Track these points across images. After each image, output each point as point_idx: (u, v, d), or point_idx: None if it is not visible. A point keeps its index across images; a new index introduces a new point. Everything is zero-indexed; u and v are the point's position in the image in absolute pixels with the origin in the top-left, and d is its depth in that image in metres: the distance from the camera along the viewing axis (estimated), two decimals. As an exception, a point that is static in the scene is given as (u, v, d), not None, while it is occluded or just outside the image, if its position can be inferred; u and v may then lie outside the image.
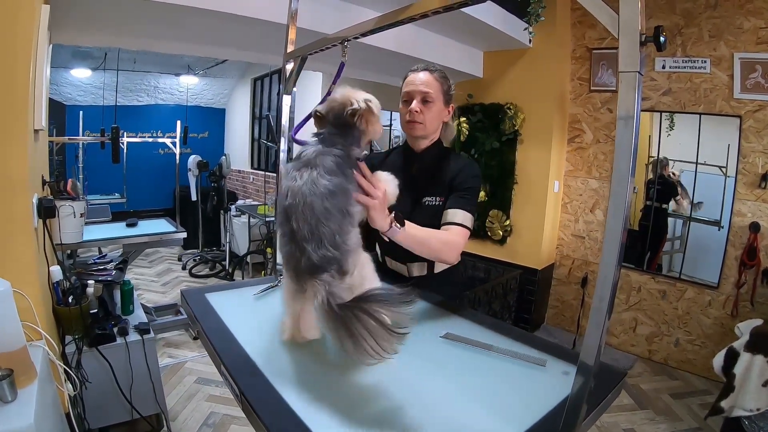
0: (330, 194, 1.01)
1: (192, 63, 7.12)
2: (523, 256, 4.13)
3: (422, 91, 1.53)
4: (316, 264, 0.97)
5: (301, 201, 0.99)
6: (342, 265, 1.00)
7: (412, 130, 1.58)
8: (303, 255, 0.98)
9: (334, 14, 2.65)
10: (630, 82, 0.68)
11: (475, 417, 0.87)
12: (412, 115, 1.55)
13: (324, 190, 1.00)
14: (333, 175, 1.04)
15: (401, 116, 1.61)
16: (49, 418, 1.41)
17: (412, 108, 1.54)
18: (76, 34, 2.57)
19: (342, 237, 1.01)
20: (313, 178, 1.02)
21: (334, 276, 0.98)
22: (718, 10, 3.31)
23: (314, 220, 0.98)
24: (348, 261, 1.01)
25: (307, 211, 0.98)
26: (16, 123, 1.52)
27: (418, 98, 1.54)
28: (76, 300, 1.98)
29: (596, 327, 0.72)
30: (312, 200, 0.99)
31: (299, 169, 1.05)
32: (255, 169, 7.44)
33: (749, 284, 3.28)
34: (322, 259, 0.97)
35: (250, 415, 0.86)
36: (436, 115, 1.57)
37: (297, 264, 0.99)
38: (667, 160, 3.70)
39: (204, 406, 2.83)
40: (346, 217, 1.04)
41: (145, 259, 5.99)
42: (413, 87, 1.55)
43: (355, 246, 1.05)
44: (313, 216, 0.98)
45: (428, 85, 1.54)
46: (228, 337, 1.12)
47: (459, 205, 1.50)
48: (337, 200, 1.02)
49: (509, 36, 3.55)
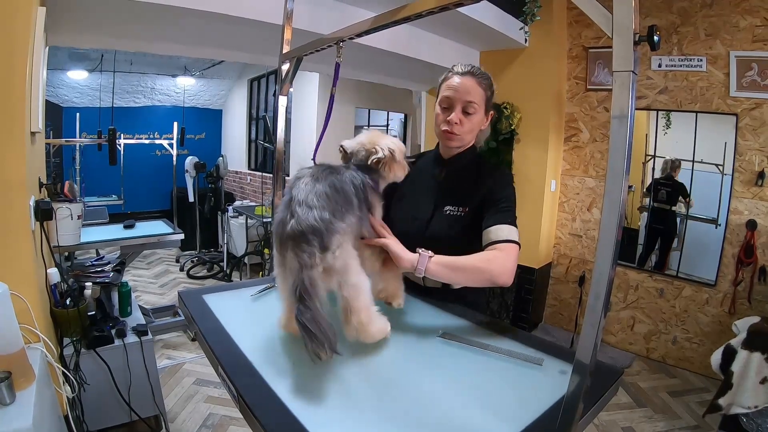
0: (334, 188, 1.06)
1: (189, 64, 7.11)
2: (521, 255, 4.10)
3: (465, 100, 1.38)
4: (301, 229, 0.98)
5: (307, 178, 1.05)
6: (324, 240, 0.99)
7: (448, 140, 1.44)
8: (292, 218, 0.99)
9: (330, 15, 2.66)
10: (624, 81, 0.68)
11: (472, 416, 0.87)
12: (450, 125, 1.40)
13: (331, 181, 1.07)
14: (344, 184, 1.10)
15: (437, 122, 1.46)
16: (47, 421, 1.41)
17: (451, 119, 1.39)
18: (72, 36, 2.57)
19: (331, 218, 1.01)
20: (326, 173, 1.09)
21: (313, 251, 0.97)
22: (713, 9, 3.32)
23: (313, 195, 1.02)
24: (331, 239, 1.00)
25: (310, 186, 1.03)
26: (13, 125, 1.52)
27: (458, 107, 1.39)
28: (74, 302, 1.98)
29: (592, 325, 0.72)
30: (317, 183, 1.04)
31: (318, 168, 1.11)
32: (252, 170, 7.43)
33: (746, 282, 3.29)
34: (307, 227, 0.98)
35: (247, 416, 0.86)
36: (475, 127, 1.44)
37: (283, 231, 1.01)
38: (680, 161, 3.66)
39: (202, 407, 2.83)
40: (340, 209, 1.05)
41: (142, 261, 5.98)
42: (455, 93, 1.39)
43: (341, 230, 1.03)
44: (312, 191, 1.02)
45: (472, 93, 1.39)
46: (225, 338, 1.12)
47: (500, 220, 1.34)
48: (338, 195, 1.06)
49: (505, 35, 3.55)
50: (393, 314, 1.29)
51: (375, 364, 1.04)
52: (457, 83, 1.40)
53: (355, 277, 1.05)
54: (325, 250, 0.99)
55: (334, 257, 1.00)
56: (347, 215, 1.07)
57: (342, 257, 1.02)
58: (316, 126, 5.31)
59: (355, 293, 1.05)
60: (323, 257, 0.98)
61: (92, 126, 6.39)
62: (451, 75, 1.44)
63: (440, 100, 1.44)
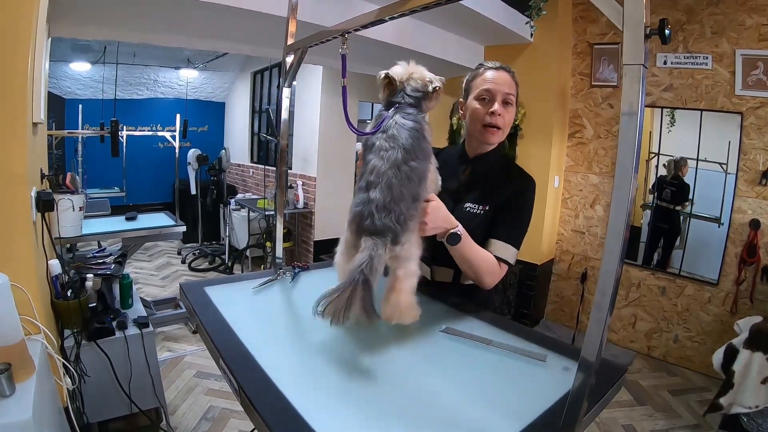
0: (408, 180, 1.12)
1: (192, 56, 7.08)
2: (523, 252, 4.07)
3: (505, 92, 1.39)
4: (379, 228, 1.07)
5: (383, 179, 1.10)
6: (397, 237, 1.09)
7: (490, 136, 1.43)
8: (371, 218, 1.08)
9: (335, 7, 2.64)
10: (634, 74, 0.67)
11: (475, 412, 0.86)
12: (494, 118, 1.39)
13: (404, 175, 1.11)
14: (412, 159, 1.14)
15: (474, 117, 1.44)
16: (47, 412, 1.41)
17: (495, 110, 1.38)
18: (75, 28, 2.56)
19: (406, 216, 1.10)
20: (397, 162, 1.12)
21: (386, 242, 1.07)
22: (720, 7, 3.29)
23: (389, 198, 1.09)
24: (403, 236, 1.10)
25: (386, 189, 1.09)
26: (15, 116, 1.51)
27: (499, 99, 1.39)
28: (75, 294, 1.98)
29: (598, 323, 0.71)
30: (392, 182, 1.10)
31: (385, 141, 1.15)
32: (255, 163, 7.41)
33: (749, 281, 3.28)
34: (384, 226, 1.07)
35: (248, 408, 0.85)
36: (511, 120, 1.45)
37: (361, 223, 1.09)
38: (685, 160, 3.63)
39: (203, 400, 2.84)
40: (414, 202, 1.14)
41: (144, 253, 5.99)
42: (495, 86, 1.39)
43: (413, 228, 1.15)
44: (389, 194, 1.09)
45: (509, 85, 1.40)
46: (227, 331, 1.11)
47: (509, 239, 1.40)
48: (411, 186, 1.12)
49: (510, 30, 3.54)
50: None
51: (377, 358, 1.04)
52: (496, 76, 1.41)
53: (413, 265, 1.15)
54: (396, 244, 1.09)
55: (402, 248, 1.11)
56: (416, 207, 1.16)
57: (408, 248, 1.13)
58: (319, 119, 5.28)
59: (406, 276, 1.14)
60: (393, 248, 1.09)
61: (95, 118, 6.38)
62: (483, 70, 1.44)
63: (478, 94, 1.43)
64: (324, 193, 5.38)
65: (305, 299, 1.37)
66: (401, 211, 1.09)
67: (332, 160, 5.41)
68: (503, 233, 1.40)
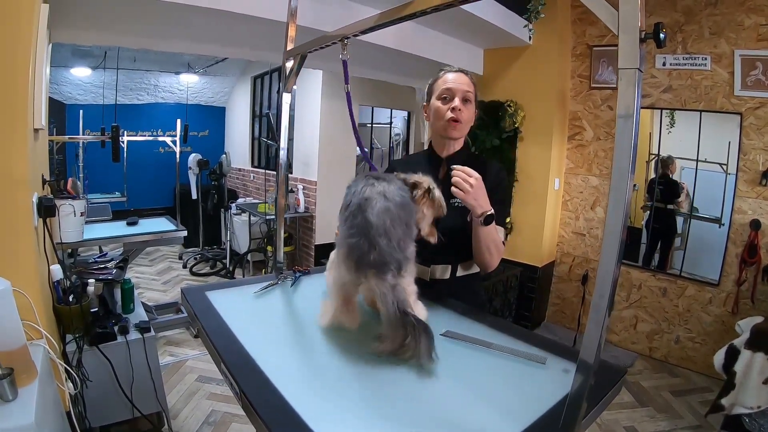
0: (401, 205, 1.10)
1: (192, 61, 7.10)
2: (524, 254, 4.13)
3: (464, 90, 1.52)
4: (384, 259, 1.02)
5: (380, 200, 1.07)
6: (401, 267, 1.06)
7: (452, 130, 1.55)
8: (373, 248, 1.03)
9: (334, 12, 2.65)
10: (630, 79, 0.68)
11: (475, 415, 0.87)
12: (455, 112, 1.52)
13: (399, 199, 1.10)
14: (402, 191, 1.15)
15: (437, 115, 1.57)
16: (49, 417, 1.41)
17: (455, 105, 1.52)
18: (75, 33, 2.57)
19: (404, 244, 1.08)
20: (388, 189, 1.11)
21: (395, 275, 1.04)
22: (718, 7, 3.30)
23: (389, 220, 1.05)
24: (406, 266, 1.08)
25: (384, 211, 1.06)
26: (16, 122, 1.52)
27: (459, 96, 1.52)
28: (77, 299, 1.98)
29: (596, 324, 0.72)
30: (388, 204, 1.07)
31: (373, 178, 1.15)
32: (255, 168, 7.42)
33: (750, 281, 3.28)
34: (389, 255, 1.03)
35: (250, 413, 0.86)
36: (472, 117, 1.58)
37: (362, 256, 1.03)
38: (672, 158, 3.67)
39: (205, 404, 2.84)
40: (408, 230, 1.12)
41: (145, 258, 6.00)
42: (455, 85, 1.53)
43: (411, 256, 1.12)
44: (388, 216, 1.06)
45: (467, 85, 1.54)
46: (228, 335, 1.12)
47: (499, 222, 1.50)
48: (404, 212, 1.10)
49: (509, 33, 3.55)
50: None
51: (378, 362, 1.04)
52: (455, 77, 1.55)
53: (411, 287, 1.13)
54: (401, 276, 1.06)
55: (404, 279, 1.08)
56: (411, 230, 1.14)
57: (409, 282, 1.12)
58: (319, 123, 5.29)
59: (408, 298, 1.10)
60: (399, 278, 1.05)
61: (95, 123, 6.39)
62: (444, 74, 1.59)
63: (439, 93, 1.56)
64: (325, 197, 5.38)
65: (306, 303, 1.38)
66: (399, 236, 1.07)
67: (333, 164, 5.42)
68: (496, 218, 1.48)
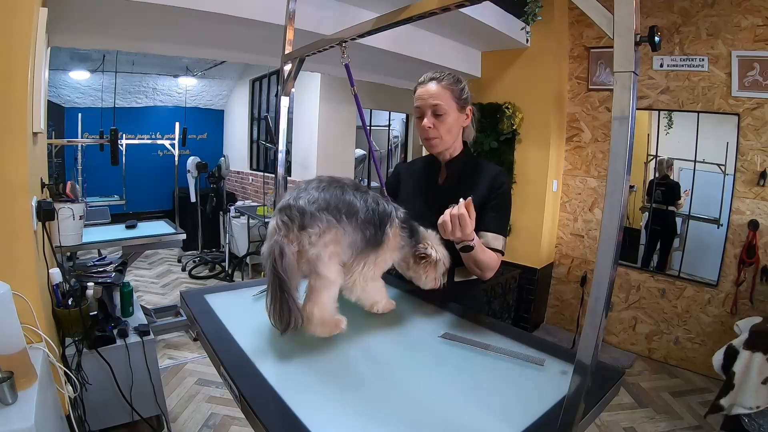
0: (349, 203, 1.12)
1: (190, 64, 7.12)
2: (523, 256, 4.14)
3: (432, 104, 1.48)
4: (291, 204, 1.06)
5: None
6: (304, 221, 1.06)
7: (430, 147, 1.54)
8: (290, 198, 1.09)
9: (332, 15, 2.66)
10: (625, 82, 0.68)
11: (473, 417, 0.87)
12: (425, 132, 1.50)
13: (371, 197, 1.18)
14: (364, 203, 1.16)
15: (418, 133, 1.56)
16: (49, 420, 1.42)
17: (424, 124, 1.49)
18: (74, 37, 2.57)
19: (327, 209, 1.08)
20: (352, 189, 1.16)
21: (292, 227, 1.05)
22: (715, 9, 3.31)
23: (322, 192, 1.10)
24: (313, 222, 1.06)
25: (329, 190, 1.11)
26: (15, 126, 1.52)
27: (428, 112, 1.49)
28: (76, 302, 1.98)
29: (593, 326, 0.72)
30: (336, 190, 1.12)
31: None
32: (254, 170, 7.44)
33: (748, 282, 3.29)
34: (297, 205, 1.06)
35: (249, 416, 0.86)
36: (452, 126, 1.52)
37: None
38: (672, 160, 3.68)
39: (204, 408, 2.84)
40: (342, 212, 1.11)
41: (144, 261, 5.99)
42: (422, 101, 1.50)
43: (331, 224, 1.10)
44: (324, 192, 1.10)
45: (437, 96, 1.48)
46: (227, 338, 1.12)
47: (496, 229, 1.48)
48: (347, 205, 1.12)
49: (507, 36, 3.56)
50: (395, 315, 1.30)
51: (376, 365, 1.04)
52: (422, 91, 1.50)
53: (324, 270, 1.07)
54: (302, 229, 1.04)
55: (309, 242, 1.04)
56: (350, 221, 1.11)
57: (317, 248, 1.05)
58: (317, 126, 5.31)
59: (319, 286, 1.09)
60: (299, 236, 1.04)
61: (94, 126, 6.41)
62: (415, 88, 1.55)
63: (414, 112, 1.55)
64: (323, 199, 5.37)
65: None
66: (328, 201, 1.09)
67: (331, 166, 5.43)
68: (493, 225, 1.48)
